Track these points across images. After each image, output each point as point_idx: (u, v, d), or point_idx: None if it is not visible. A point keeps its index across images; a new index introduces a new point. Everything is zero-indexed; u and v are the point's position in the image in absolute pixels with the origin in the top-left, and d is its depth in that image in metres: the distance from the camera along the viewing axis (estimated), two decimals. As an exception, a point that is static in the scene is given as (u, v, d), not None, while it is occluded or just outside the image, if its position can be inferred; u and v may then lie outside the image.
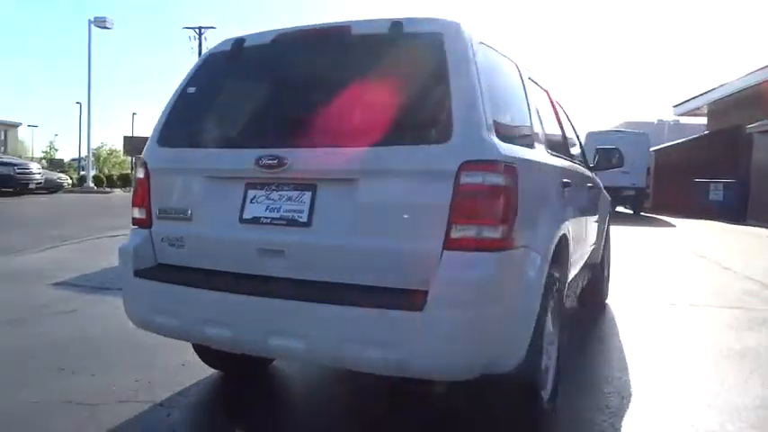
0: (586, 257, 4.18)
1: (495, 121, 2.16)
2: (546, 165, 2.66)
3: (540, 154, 2.63)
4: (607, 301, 5.23)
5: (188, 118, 2.60)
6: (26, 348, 3.67)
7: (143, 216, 2.60)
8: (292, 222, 2.23)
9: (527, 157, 2.36)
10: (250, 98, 2.55)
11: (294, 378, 3.39)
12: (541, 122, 2.89)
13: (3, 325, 4.17)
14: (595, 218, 4.36)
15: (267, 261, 2.27)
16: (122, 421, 2.66)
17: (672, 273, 7.44)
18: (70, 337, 3.92)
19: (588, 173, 4.21)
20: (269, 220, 2.27)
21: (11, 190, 19.00)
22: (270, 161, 2.22)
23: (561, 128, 3.57)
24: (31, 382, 3.11)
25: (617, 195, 17.89)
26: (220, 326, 2.27)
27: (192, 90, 2.61)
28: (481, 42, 2.37)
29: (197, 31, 38.32)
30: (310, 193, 2.22)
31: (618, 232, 12.38)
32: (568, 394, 2.90)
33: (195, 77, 2.64)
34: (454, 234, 1.99)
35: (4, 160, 20.86)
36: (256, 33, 2.62)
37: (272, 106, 2.44)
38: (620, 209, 20.18)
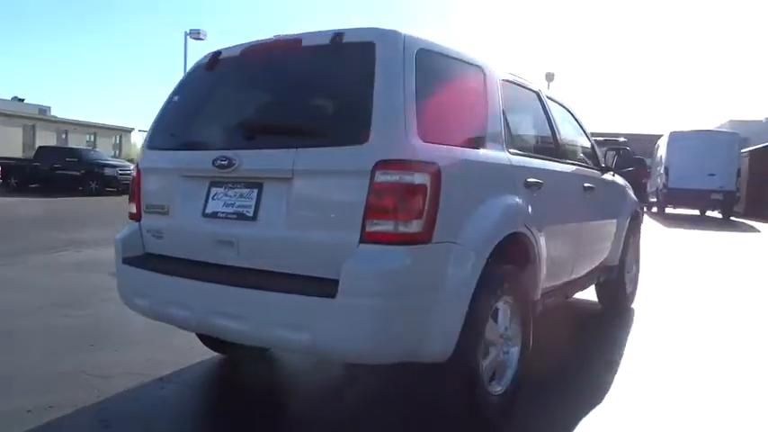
0: (592, 260, 4.14)
1: (423, 124, 2.30)
2: (495, 165, 2.73)
3: (487, 154, 2.70)
4: (633, 306, 5.11)
5: (171, 124, 2.92)
6: (71, 326, 4.19)
7: (134, 211, 2.96)
8: (241, 216, 2.49)
9: (460, 158, 2.48)
10: (217, 104, 2.84)
11: (290, 364, 3.65)
12: (507, 124, 2.95)
13: (60, 307, 4.73)
14: (605, 219, 4.29)
15: (221, 251, 2.54)
16: (120, 391, 3.04)
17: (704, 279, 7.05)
18: (107, 319, 4.40)
19: (594, 173, 4.16)
20: (224, 215, 2.55)
21: (114, 189, 20.74)
22: (222, 162, 2.50)
23: (551, 129, 3.58)
24: (63, 354, 3.58)
25: (703, 199, 16.91)
26: (180, 307, 2.57)
27: (176, 99, 2.94)
28: (425, 49, 2.51)
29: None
30: (257, 190, 2.47)
31: (683, 236, 11.87)
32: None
33: (180, 87, 2.97)
34: (369, 228, 2.16)
35: (111, 162, 22.82)
36: (232, 46, 2.90)
37: (231, 111, 2.71)
38: (709, 213, 19.03)
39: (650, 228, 13.16)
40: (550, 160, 3.43)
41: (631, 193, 5.04)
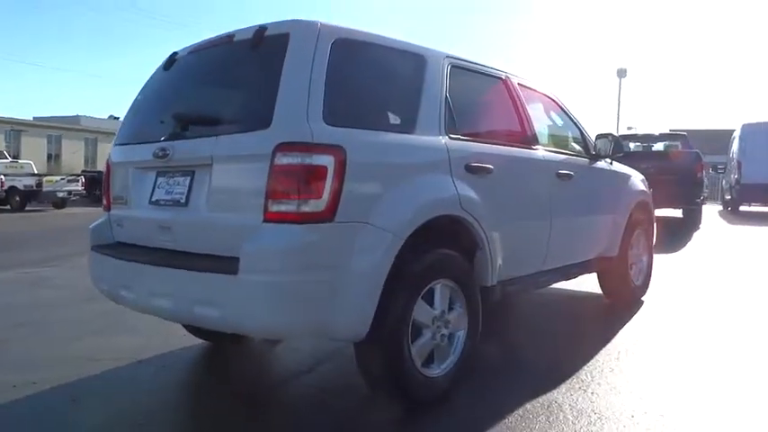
0: (576, 250, 4.03)
1: (333, 109, 2.39)
2: (422, 148, 2.76)
3: (412, 138, 2.73)
4: (643, 298, 4.91)
5: (132, 121, 3.17)
6: (86, 317, 4.55)
7: (105, 202, 3.21)
8: (176, 203, 2.67)
9: (374, 141, 2.53)
10: (165, 101, 3.04)
11: (267, 352, 3.80)
12: (449, 110, 2.96)
13: (82, 302, 5.13)
14: (594, 208, 4.17)
15: (161, 236, 2.73)
16: (102, 371, 3.30)
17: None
18: (119, 310, 4.73)
19: (578, 161, 4.05)
20: (164, 202, 2.74)
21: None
22: (159, 153, 2.69)
23: (519, 116, 3.53)
24: (69, 340, 3.92)
25: None
26: (128, 290, 2.78)
27: (139, 98, 3.18)
28: (345, 39, 2.60)
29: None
30: (190, 178, 2.64)
31: (743, 234, 11.06)
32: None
33: (143, 87, 3.20)
34: (270, 208, 2.28)
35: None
36: (187, 46, 3.10)
37: (174, 106, 2.90)
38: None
39: (710, 224, 12.44)
40: (511, 146, 3.39)
41: (637, 182, 4.84)
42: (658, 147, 13.16)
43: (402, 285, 2.52)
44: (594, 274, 4.65)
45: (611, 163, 4.50)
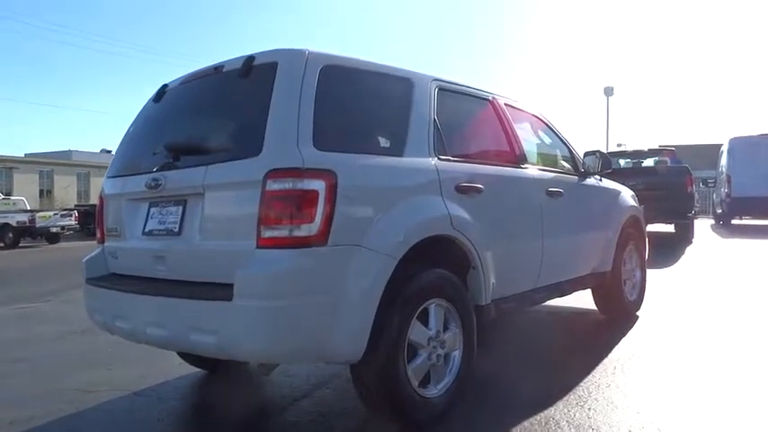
0: (569, 266, 4.06)
1: (322, 134, 2.43)
2: (412, 170, 2.80)
3: (402, 161, 2.78)
4: (638, 313, 4.93)
5: (124, 153, 3.21)
6: (81, 350, 4.54)
7: (100, 235, 3.23)
8: (170, 232, 2.70)
9: (364, 164, 2.58)
10: (156, 132, 3.08)
11: (262, 381, 3.79)
12: (438, 132, 3.02)
13: (77, 335, 5.11)
14: (585, 224, 4.21)
15: (156, 265, 2.75)
16: (98, 403, 3.29)
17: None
18: (114, 342, 4.71)
19: (568, 178, 4.11)
20: (158, 232, 2.77)
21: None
22: (151, 183, 2.73)
23: (507, 136, 3.59)
24: (65, 374, 3.90)
25: None
26: (123, 320, 2.78)
27: (130, 130, 3.22)
28: (332, 65, 2.66)
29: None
30: (182, 207, 2.67)
31: (737, 247, 11.12)
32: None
33: (135, 119, 3.25)
34: (263, 234, 2.31)
35: None
36: (177, 78, 3.15)
37: (165, 137, 2.93)
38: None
39: (704, 239, 12.52)
40: (501, 165, 3.45)
41: (627, 197, 4.90)
42: (648, 162, 13.29)
43: (397, 306, 2.54)
44: (589, 291, 4.69)
45: (600, 180, 4.57)
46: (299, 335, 2.31)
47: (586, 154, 4.32)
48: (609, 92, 32.89)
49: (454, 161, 3.05)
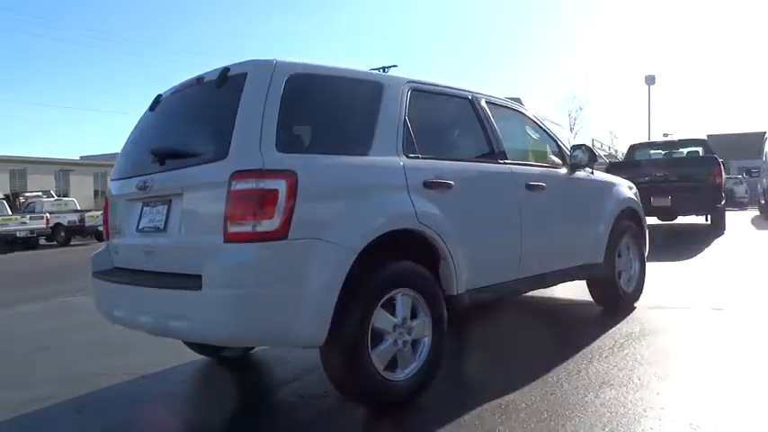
0: (551, 258, 4.16)
1: (285, 138, 2.68)
2: (376, 168, 3.00)
3: (366, 160, 2.98)
4: (637, 305, 4.98)
5: (124, 158, 3.54)
6: (105, 339, 4.92)
7: (106, 232, 3.57)
8: (157, 229, 3.00)
9: (325, 164, 2.80)
10: (149, 138, 3.37)
11: (266, 367, 4.08)
12: (408, 132, 3.20)
13: (105, 324, 5.48)
14: (571, 216, 4.31)
15: (146, 259, 3.06)
16: (110, 385, 3.66)
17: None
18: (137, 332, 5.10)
19: (551, 172, 4.22)
20: (148, 229, 3.08)
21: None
22: (141, 185, 3.03)
23: (485, 133, 3.74)
24: (86, 360, 4.31)
25: None
26: (119, 309, 3.10)
27: (131, 136, 3.54)
28: (300, 74, 2.90)
29: (382, 70, 41.57)
30: (167, 206, 2.96)
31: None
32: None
33: (135, 126, 3.56)
34: (230, 229, 2.57)
35: None
36: (170, 87, 3.45)
37: (153, 142, 3.23)
38: None
39: (736, 230, 12.21)
40: (475, 162, 3.61)
41: (622, 190, 4.95)
42: (681, 153, 13.03)
43: (360, 295, 2.76)
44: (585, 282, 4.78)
45: (592, 172, 4.65)
46: (261, 321, 2.56)
47: (574, 147, 4.41)
48: (650, 80, 32.20)
49: (423, 159, 3.23)
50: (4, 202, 22.11)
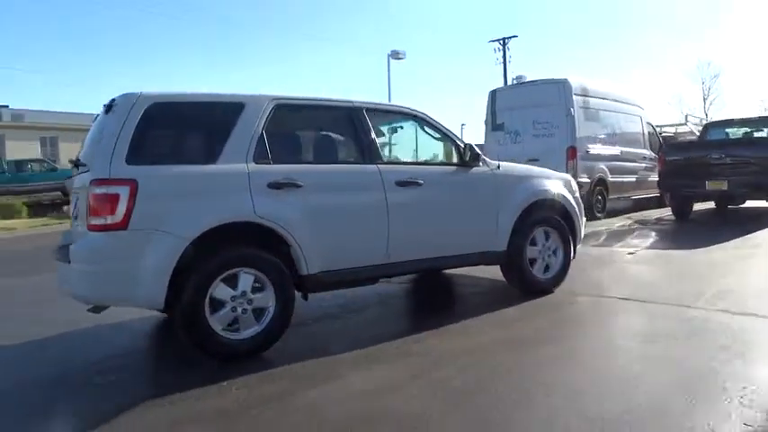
0: (431, 245, 4.66)
1: (135, 153, 3.61)
2: (218, 174, 3.82)
3: (209, 168, 3.81)
4: (556, 290, 5.27)
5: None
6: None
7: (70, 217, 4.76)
8: (74, 217, 4.08)
9: (166, 173, 3.70)
10: (87, 139, 4.41)
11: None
12: (263, 143, 3.96)
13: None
14: (461, 209, 4.78)
15: (71, 239, 4.14)
16: (75, 329, 4.86)
17: None
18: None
19: (433, 170, 4.80)
20: (73, 215, 4.17)
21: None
22: (70, 182, 4.13)
23: (360, 140, 4.36)
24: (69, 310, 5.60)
25: None
26: (60, 282, 4.20)
27: (87, 134, 4.66)
28: (159, 103, 3.81)
29: (501, 42, 40.91)
30: (76, 198, 4.03)
31: None
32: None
33: (92, 125, 4.66)
34: (90, 222, 3.58)
35: None
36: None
37: (84, 146, 4.30)
38: None
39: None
40: (332, 164, 4.39)
41: (539, 182, 5.22)
42: (762, 133, 11.98)
43: (196, 272, 3.63)
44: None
45: (498, 167, 5.02)
46: (108, 288, 3.59)
47: (465, 147, 4.83)
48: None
49: (273, 164, 3.99)
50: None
